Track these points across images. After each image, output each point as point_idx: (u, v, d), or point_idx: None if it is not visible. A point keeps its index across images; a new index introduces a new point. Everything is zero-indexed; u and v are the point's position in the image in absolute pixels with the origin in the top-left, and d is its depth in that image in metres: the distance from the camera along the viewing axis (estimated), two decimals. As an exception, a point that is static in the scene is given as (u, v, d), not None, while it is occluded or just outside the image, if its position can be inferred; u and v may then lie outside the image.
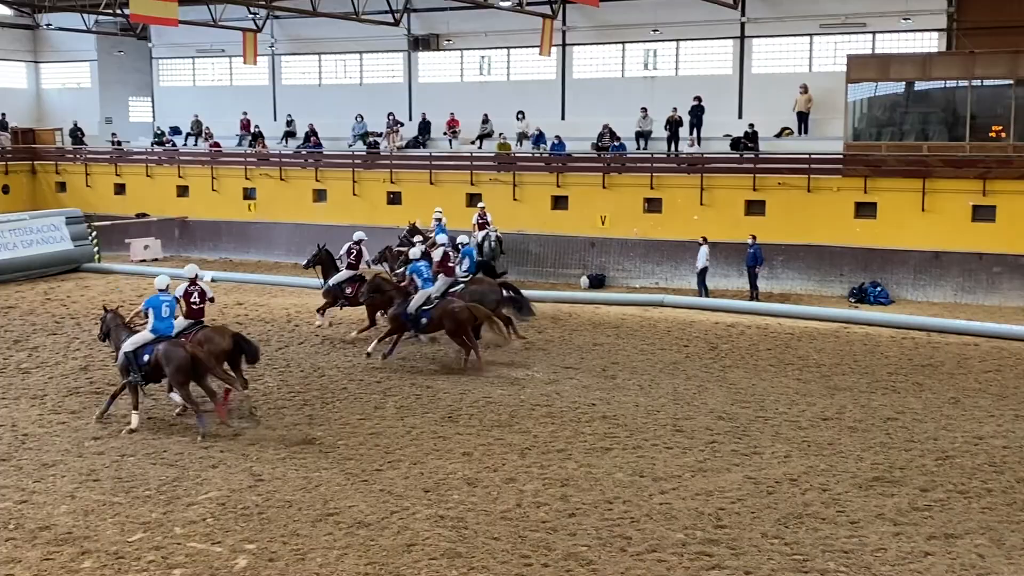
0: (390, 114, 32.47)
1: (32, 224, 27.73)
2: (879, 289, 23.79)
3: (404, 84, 34.02)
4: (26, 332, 19.84)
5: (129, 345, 13.74)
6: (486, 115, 31.47)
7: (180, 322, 14.55)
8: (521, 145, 30.50)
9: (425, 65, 33.81)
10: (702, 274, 24.14)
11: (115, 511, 10.56)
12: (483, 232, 25.34)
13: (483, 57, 32.90)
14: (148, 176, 34.08)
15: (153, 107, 39.17)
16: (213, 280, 26.37)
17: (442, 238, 19.62)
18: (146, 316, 13.95)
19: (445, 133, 32.10)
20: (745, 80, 29.25)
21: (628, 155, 28.56)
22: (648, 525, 10.21)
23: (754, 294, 24.01)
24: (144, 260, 30.57)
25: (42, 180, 36.10)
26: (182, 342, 13.73)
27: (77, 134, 37.15)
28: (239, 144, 34.50)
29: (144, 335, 13.75)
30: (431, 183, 29.51)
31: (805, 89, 27.60)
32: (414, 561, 9.37)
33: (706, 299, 23.60)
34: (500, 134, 30.74)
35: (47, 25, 37.96)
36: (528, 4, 27.80)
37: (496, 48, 32.47)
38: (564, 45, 31.18)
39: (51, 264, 27.56)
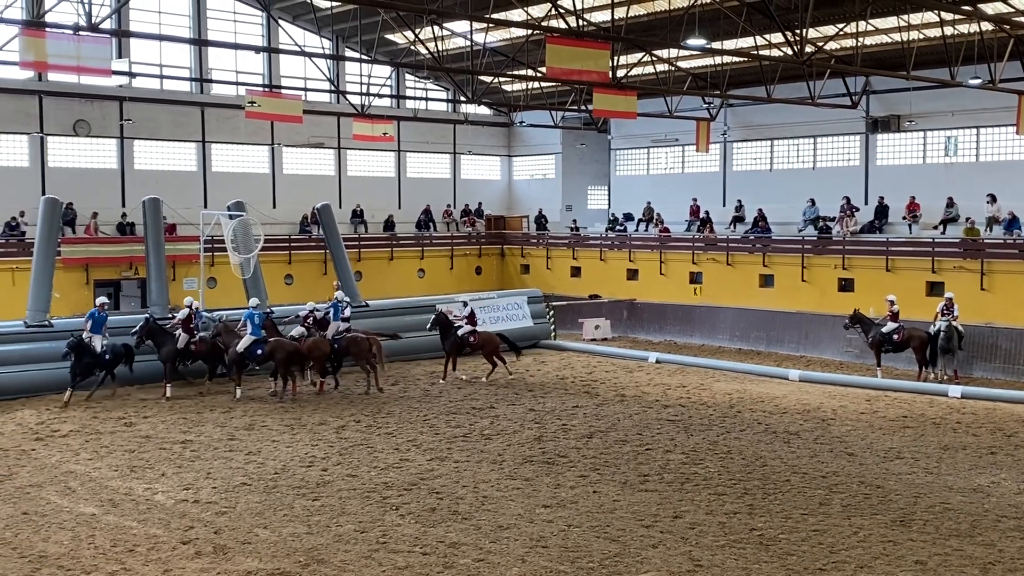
0: (845, 198, 31.47)
1: (499, 302, 30.27)
2: None
3: (860, 167, 32.88)
4: (489, 401, 21.54)
5: (241, 346, 21.28)
6: (951, 198, 29.42)
7: (299, 330, 22.80)
8: (991, 230, 28.04)
9: (884, 147, 32.46)
10: None
11: (560, 579, 10.96)
12: (940, 323, 23.81)
13: (948, 137, 30.91)
14: (601, 260, 35.94)
15: (609, 195, 41.39)
16: (658, 361, 27.04)
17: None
18: (245, 325, 21.60)
19: (904, 217, 30.41)
20: None
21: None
22: None
23: None
24: (594, 339, 32.05)
25: (509, 262, 39.50)
26: (289, 341, 21.93)
27: (541, 220, 40.24)
28: (687, 229, 35.28)
29: (248, 338, 21.30)
30: (887, 270, 28.06)
31: None
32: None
33: None
34: (967, 219, 28.55)
35: (520, 122, 41.80)
36: (1001, 81, 25.76)
37: (963, 128, 30.39)
38: (1043, 121, 28.40)
39: (513, 340, 29.76)
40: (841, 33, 26.37)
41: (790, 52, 22.98)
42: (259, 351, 21.57)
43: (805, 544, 12.13)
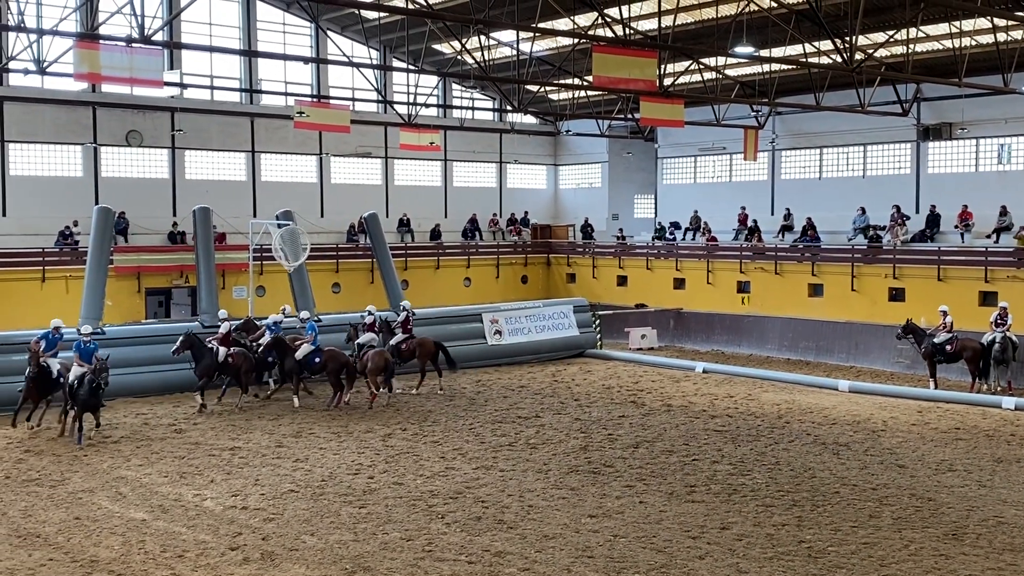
0: (895, 206, 31.05)
1: (544, 311, 30.25)
2: None
3: (911, 175, 32.41)
4: (534, 410, 21.52)
5: (299, 354, 21.83)
6: (1004, 207, 28.89)
7: (368, 336, 23.20)
8: (1046, 239, 27.55)
9: (935, 155, 31.97)
10: None
11: (605, 590, 10.90)
12: (993, 333, 23.39)
13: (1002, 145, 30.36)
14: (648, 269, 35.78)
15: (656, 203, 41.18)
16: (705, 371, 26.86)
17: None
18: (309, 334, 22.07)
19: (956, 226, 29.90)
20: None
21: None
22: None
23: None
24: (640, 349, 31.90)
25: (555, 271, 39.48)
26: (339, 351, 22.06)
27: (587, 230, 40.16)
28: (735, 238, 35.01)
29: (307, 347, 21.85)
30: (939, 279, 27.63)
31: None
32: None
33: None
34: (1021, 227, 28.01)
35: (566, 131, 41.79)
36: (1057, 86, 25.31)
37: (1017, 135, 29.85)
38: (1101, 128, 27.85)
39: (559, 349, 29.80)
40: (891, 40, 26.07)
41: (839, 60, 22.72)
42: (317, 359, 21.86)
43: (855, 557, 11.96)
